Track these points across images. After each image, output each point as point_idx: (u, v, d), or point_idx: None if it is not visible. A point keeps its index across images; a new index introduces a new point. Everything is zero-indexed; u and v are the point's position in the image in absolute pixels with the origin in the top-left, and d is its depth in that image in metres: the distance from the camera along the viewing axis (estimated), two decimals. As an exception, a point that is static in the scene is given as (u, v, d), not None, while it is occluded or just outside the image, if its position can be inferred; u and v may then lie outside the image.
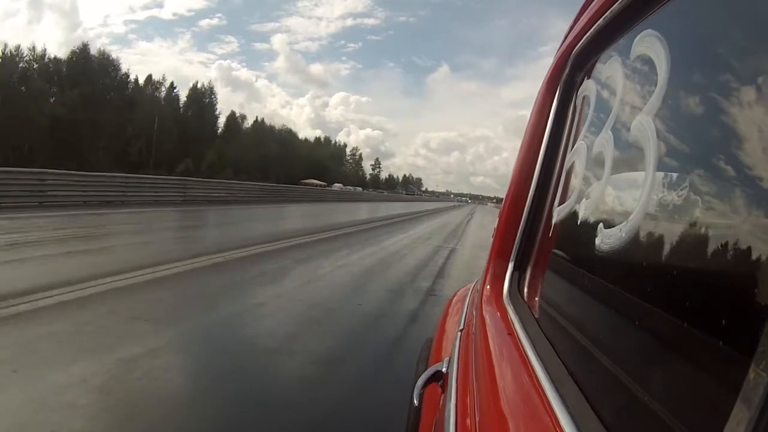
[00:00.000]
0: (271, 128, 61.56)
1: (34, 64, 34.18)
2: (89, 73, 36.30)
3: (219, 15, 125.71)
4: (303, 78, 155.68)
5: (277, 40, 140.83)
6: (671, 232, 0.37)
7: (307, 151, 67.48)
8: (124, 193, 12.58)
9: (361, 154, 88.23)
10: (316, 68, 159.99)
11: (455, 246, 9.86)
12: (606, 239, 0.46)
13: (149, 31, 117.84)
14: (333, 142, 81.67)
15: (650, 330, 0.37)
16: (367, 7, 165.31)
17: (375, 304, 4.19)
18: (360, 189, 67.54)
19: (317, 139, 77.13)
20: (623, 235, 0.42)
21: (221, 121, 53.34)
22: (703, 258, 0.32)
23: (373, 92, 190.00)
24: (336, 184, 59.67)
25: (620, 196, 0.48)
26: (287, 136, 64.12)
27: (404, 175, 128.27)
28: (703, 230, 0.33)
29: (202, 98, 49.72)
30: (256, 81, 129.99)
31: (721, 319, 0.26)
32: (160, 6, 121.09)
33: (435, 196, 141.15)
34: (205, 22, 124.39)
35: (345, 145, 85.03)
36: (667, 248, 0.37)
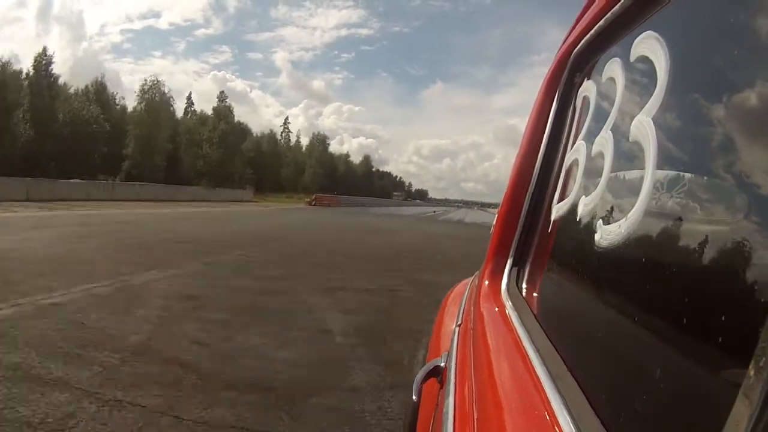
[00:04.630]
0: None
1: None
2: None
3: (214, 25, 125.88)
4: (304, 93, 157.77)
5: (279, 58, 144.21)
6: (670, 230, 0.37)
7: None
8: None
9: (401, 178, 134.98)
10: (317, 83, 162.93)
11: (468, 212, 56.02)
12: (605, 236, 0.46)
13: (146, 41, 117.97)
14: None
15: (649, 326, 0.37)
16: (361, 18, 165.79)
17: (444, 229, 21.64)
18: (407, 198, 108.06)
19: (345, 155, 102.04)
20: (622, 232, 0.43)
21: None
22: (702, 256, 0.32)
23: (366, 101, 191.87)
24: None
25: (619, 194, 0.48)
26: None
27: (418, 189, 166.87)
28: (701, 228, 0.33)
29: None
30: (251, 92, 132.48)
31: (720, 316, 0.27)
32: (158, 16, 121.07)
33: (442, 202, 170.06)
34: (200, 32, 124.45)
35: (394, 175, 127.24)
36: (666, 246, 0.37)
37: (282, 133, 60.26)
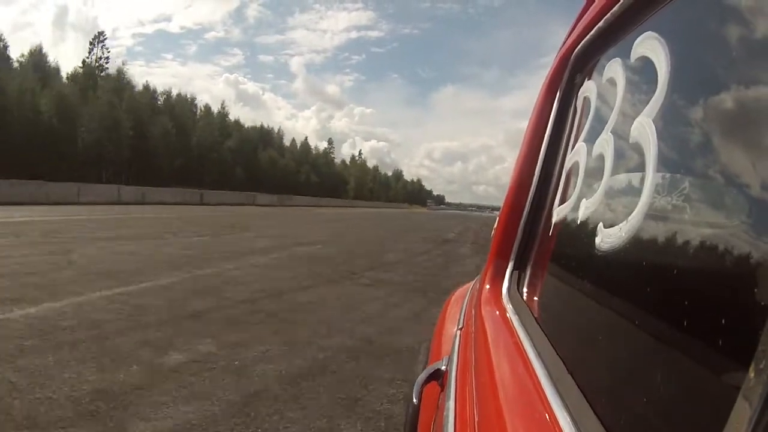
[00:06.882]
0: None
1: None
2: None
3: (225, 28, 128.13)
4: (316, 96, 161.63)
5: (291, 60, 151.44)
6: (671, 232, 0.37)
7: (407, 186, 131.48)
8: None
9: (424, 186, 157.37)
10: (329, 86, 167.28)
11: (482, 215, 73.38)
12: (606, 239, 0.46)
13: (157, 44, 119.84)
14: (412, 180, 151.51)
15: (650, 329, 0.37)
16: (371, 20, 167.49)
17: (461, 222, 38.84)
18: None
19: (412, 181, 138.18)
20: (623, 235, 0.42)
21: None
22: (702, 258, 0.32)
23: (377, 103, 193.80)
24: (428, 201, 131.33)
25: (620, 196, 0.48)
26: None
27: (436, 195, 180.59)
28: (702, 230, 0.33)
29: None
30: (263, 94, 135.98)
31: (720, 319, 0.27)
32: (168, 20, 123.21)
33: (458, 207, 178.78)
34: (211, 35, 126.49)
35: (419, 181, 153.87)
36: (666, 248, 0.37)
37: (357, 159, 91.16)
